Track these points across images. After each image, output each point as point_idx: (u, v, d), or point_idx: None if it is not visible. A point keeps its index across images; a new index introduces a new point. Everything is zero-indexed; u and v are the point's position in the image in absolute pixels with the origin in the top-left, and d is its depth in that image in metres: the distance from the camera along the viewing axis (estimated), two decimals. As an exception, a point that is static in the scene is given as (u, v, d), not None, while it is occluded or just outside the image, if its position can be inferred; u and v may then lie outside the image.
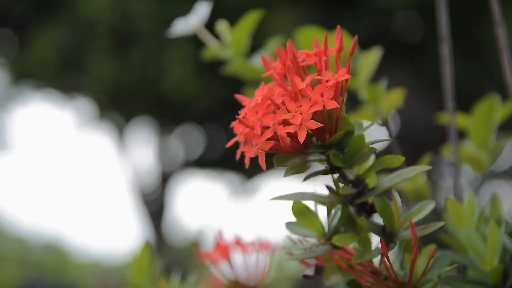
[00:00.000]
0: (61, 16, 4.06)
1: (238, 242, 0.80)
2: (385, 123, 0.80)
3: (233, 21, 0.86)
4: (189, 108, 4.35)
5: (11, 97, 5.27)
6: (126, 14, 3.78)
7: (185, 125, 5.16)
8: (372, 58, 0.82)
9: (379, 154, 0.57)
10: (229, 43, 0.85)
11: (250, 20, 0.85)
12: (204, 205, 7.69)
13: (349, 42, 0.55)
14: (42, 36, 4.06)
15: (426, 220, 0.58)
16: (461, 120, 0.85)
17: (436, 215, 0.74)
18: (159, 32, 3.59)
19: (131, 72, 3.92)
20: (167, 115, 4.69)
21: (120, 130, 5.25)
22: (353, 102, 0.81)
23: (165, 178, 5.66)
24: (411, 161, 0.84)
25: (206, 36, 0.86)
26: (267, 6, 3.58)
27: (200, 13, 0.85)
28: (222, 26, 0.87)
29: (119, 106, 4.48)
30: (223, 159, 5.02)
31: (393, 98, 0.82)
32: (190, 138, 5.32)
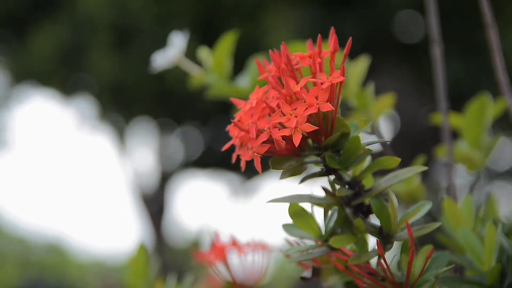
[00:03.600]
0: (60, 13, 4.06)
1: (234, 243, 0.80)
2: (374, 130, 0.80)
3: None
4: (190, 106, 4.35)
5: (11, 96, 5.27)
6: (125, 9, 3.78)
7: (185, 125, 5.16)
8: (360, 66, 0.82)
9: (376, 156, 0.57)
10: (210, 68, 0.85)
11: (228, 42, 0.84)
12: (204, 205, 7.69)
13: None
14: (42, 33, 4.06)
15: (423, 222, 0.59)
16: (454, 120, 0.85)
17: (431, 216, 0.74)
18: (159, 26, 3.59)
19: (132, 67, 3.92)
20: (168, 114, 4.68)
21: (121, 130, 5.25)
22: (343, 108, 0.81)
23: (165, 178, 5.66)
24: (410, 161, 0.84)
25: (188, 65, 0.86)
26: (268, 6, 3.59)
27: (177, 44, 0.85)
28: (203, 52, 0.86)
29: (120, 103, 4.48)
30: (223, 159, 5.02)
31: (382, 103, 0.82)
32: (190, 138, 5.32)
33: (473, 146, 0.81)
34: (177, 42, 0.85)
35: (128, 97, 4.32)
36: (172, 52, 0.85)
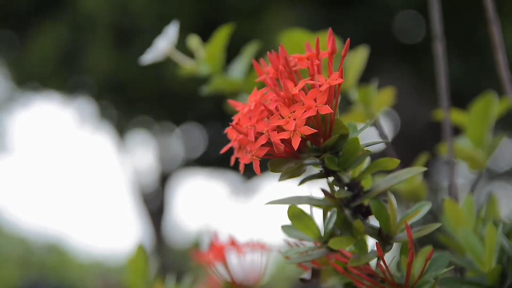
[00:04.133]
0: (61, 13, 4.06)
1: (233, 242, 0.80)
2: (376, 124, 0.79)
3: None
4: (190, 106, 4.34)
5: (12, 98, 5.28)
6: (126, 9, 3.78)
7: (185, 124, 5.16)
8: (359, 56, 0.81)
9: (375, 156, 0.57)
10: (203, 60, 0.85)
11: (223, 35, 0.84)
12: (204, 205, 7.69)
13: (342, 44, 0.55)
14: (42, 34, 4.06)
15: (425, 221, 0.58)
16: (457, 117, 0.85)
17: (433, 216, 0.74)
18: (160, 26, 3.58)
19: (132, 67, 3.92)
20: (168, 113, 4.68)
21: (121, 130, 5.25)
22: (343, 101, 0.81)
23: (165, 177, 5.66)
24: (411, 161, 0.84)
25: (179, 57, 0.86)
26: (267, 5, 3.59)
27: (169, 36, 0.84)
28: (193, 42, 0.86)
29: (120, 103, 4.48)
30: (223, 158, 5.01)
31: (383, 98, 0.82)
32: (190, 137, 5.32)
33: (476, 145, 0.81)
34: (169, 34, 0.85)
35: (128, 97, 4.32)
36: (163, 44, 0.84)
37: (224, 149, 0.55)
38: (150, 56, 0.84)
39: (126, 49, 3.91)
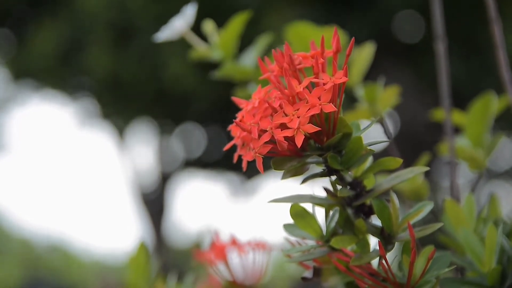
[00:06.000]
0: (60, 12, 4.06)
1: (234, 242, 0.80)
2: (381, 122, 0.79)
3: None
4: (190, 106, 4.34)
5: (11, 97, 5.27)
6: (125, 8, 3.78)
7: (185, 125, 5.16)
8: (365, 53, 0.81)
9: (378, 155, 0.57)
10: (217, 45, 0.84)
11: (238, 22, 0.84)
12: (204, 205, 7.69)
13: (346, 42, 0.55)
14: (41, 33, 4.06)
15: (425, 221, 0.58)
16: (457, 117, 0.85)
17: (434, 215, 0.74)
18: (158, 25, 3.58)
19: (131, 67, 3.92)
20: (167, 114, 4.68)
21: (121, 130, 5.25)
22: (345, 98, 0.81)
23: (166, 178, 5.66)
24: (411, 160, 0.84)
25: (194, 39, 0.85)
26: (268, 4, 3.59)
27: (187, 16, 0.84)
28: (208, 27, 0.86)
29: (119, 102, 4.47)
30: (223, 159, 5.02)
31: (388, 96, 0.81)
32: (190, 138, 5.32)
33: (476, 145, 0.81)
34: (187, 13, 0.84)
35: (128, 96, 4.32)
36: (179, 23, 0.83)
37: (227, 146, 0.55)
38: (165, 34, 0.84)
39: (125, 48, 3.91)
